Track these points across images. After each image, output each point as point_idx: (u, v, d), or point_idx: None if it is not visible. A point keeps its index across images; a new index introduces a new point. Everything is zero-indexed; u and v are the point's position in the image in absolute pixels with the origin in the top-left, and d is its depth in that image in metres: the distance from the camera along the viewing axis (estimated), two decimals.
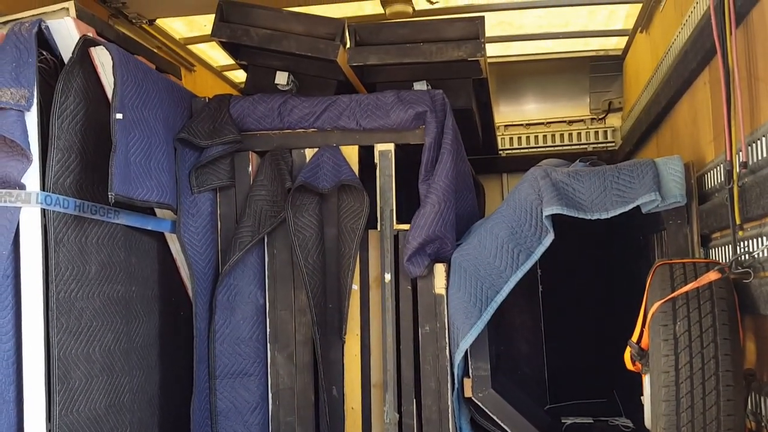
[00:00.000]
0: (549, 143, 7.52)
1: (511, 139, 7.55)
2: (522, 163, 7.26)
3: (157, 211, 4.14)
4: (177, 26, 5.93)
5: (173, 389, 4.21)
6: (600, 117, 7.52)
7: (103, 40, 3.67)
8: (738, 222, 3.07)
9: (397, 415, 4.15)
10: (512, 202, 4.16)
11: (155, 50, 4.87)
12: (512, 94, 7.45)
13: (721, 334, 2.90)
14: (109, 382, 3.67)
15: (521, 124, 7.55)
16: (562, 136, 7.53)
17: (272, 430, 4.22)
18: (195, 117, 4.31)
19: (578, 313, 5.65)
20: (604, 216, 3.94)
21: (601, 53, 7.13)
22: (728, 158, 3.14)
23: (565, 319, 5.55)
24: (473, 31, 4.37)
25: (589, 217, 3.94)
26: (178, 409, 4.21)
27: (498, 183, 7.37)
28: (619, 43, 6.84)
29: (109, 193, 3.46)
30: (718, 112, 3.78)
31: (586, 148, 7.43)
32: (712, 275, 2.98)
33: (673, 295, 2.99)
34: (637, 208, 3.93)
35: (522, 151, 7.50)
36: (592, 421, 4.75)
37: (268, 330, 4.26)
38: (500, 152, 7.42)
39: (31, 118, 3.36)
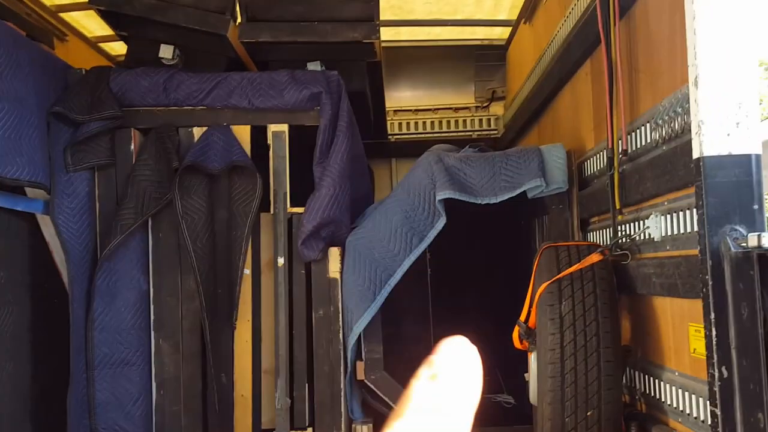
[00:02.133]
0: (436, 129, 7.66)
1: (399, 124, 7.64)
2: (410, 148, 7.38)
3: (28, 190, 3.90)
4: None
5: (48, 381, 4.02)
6: (484, 105, 7.72)
7: None
8: (618, 207, 3.24)
9: (289, 401, 4.14)
10: (406, 186, 4.22)
11: (24, 17, 4.60)
12: (401, 80, 7.53)
13: (602, 312, 3.06)
14: None
15: (410, 110, 7.65)
16: (448, 122, 7.68)
17: (157, 421, 4.10)
18: (71, 90, 4.07)
19: (464, 295, 5.81)
20: (493, 200, 4.06)
21: (486, 42, 7.31)
22: (610, 146, 3.30)
23: (451, 300, 5.69)
24: (368, 13, 4.38)
25: (479, 202, 4.06)
26: (54, 402, 4.04)
27: (387, 168, 7.46)
28: (503, 33, 7.04)
29: None
30: (598, 102, 3.96)
31: (471, 135, 7.61)
32: (595, 257, 3.14)
33: (558, 276, 3.13)
34: (522, 193, 4.08)
35: (410, 136, 7.60)
36: None
37: (152, 317, 4.12)
38: (389, 137, 7.49)
39: None
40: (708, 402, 2.19)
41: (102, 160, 4.07)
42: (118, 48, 6.46)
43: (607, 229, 3.69)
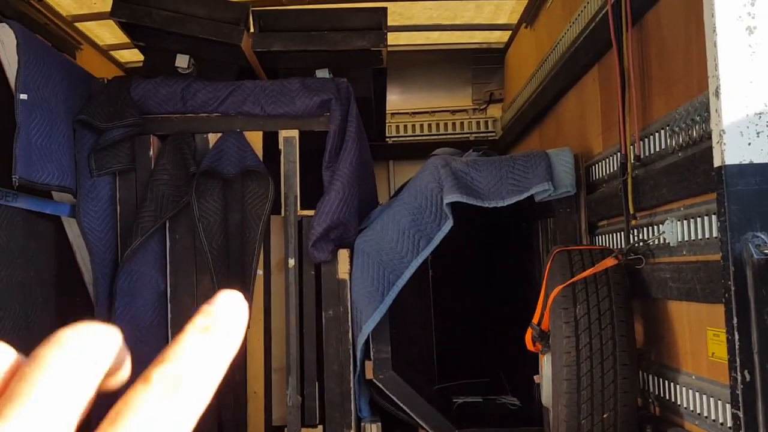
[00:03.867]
0: (434, 131, 7.72)
1: (397, 126, 7.70)
2: (408, 150, 7.46)
3: (55, 194, 4.00)
4: (64, 2, 5.67)
5: None
6: (481, 107, 7.79)
7: (4, 18, 3.50)
8: (631, 212, 3.31)
9: (300, 398, 4.20)
10: (413, 190, 4.28)
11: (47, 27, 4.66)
12: (399, 83, 7.58)
13: (617, 316, 3.13)
14: None
15: (407, 113, 7.71)
16: (446, 125, 7.75)
17: None
18: (94, 98, 4.19)
19: (465, 297, 5.88)
20: (500, 204, 4.13)
21: (484, 46, 7.38)
22: (623, 151, 3.37)
23: (453, 302, 5.76)
24: (376, 22, 4.45)
25: (486, 205, 4.13)
26: None
27: (385, 170, 7.51)
28: (502, 36, 7.11)
29: (12, 177, 3.32)
30: (607, 108, 4.04)
31: (468, 137, 7.68)
32: (609, 261, 3.21)
33: (573, 280, 3.19)
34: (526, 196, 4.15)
35: (408, 138, 7.67)
36: (481, 400, 4.98)
37: (169, 315, 4.20)
38: (387, 139, 7.55)
39: None
40: (729, 405, 2.26)
41: (123, 166, 4.18)
42: (128, 56, 6.53)
43: (618, 233, 3.76)
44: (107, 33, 6.24)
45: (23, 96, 3.40)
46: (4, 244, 3.56)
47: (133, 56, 6.70)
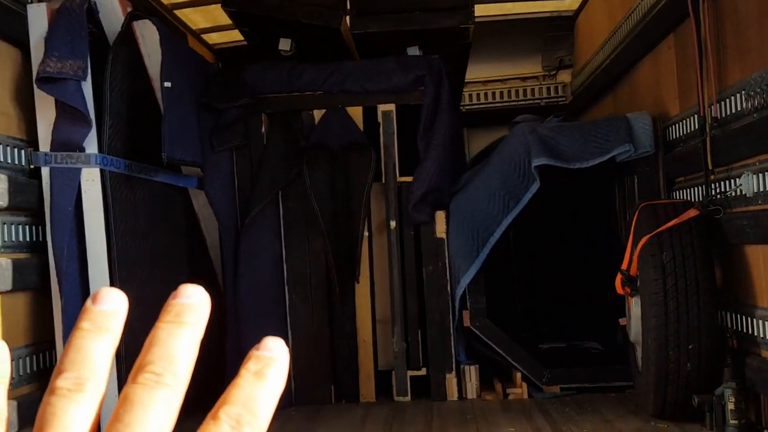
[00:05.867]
0: (505, 99, 8.07)
1: (470, 95, 8.06)
2: (481, 118, 7.85)
3: (183, 168, 4.52)
4: None
5: (205, 337, 4.63)
6: (551, 73, 8.10)
7: (146, 15, 4.00)
8: (710, 167, 3.68)
9: (405, 345, 4.69)
10: (503, 154, 4.70)
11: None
12: (472, 53, 7.91)
13: (699, 260, 3.53)
14: None
15: (480, 81, 8.06)
16: (517, 91, 8.09)
17: (293, 363, 4.66)
18: (212, 82, 4.68)
19: (545, 252, 6.29)
20: (584, 165, 4.52)
21: (555, 14, 7.67)
22: (701, 113, 3.73)
23: (531, 257, 6.18)
24: (463, 1, 4.84)
25: (571, 167, 4.52)
26: (212, 356, 4.66)
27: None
28: (572, 4, 7.40)
29: (162, 155, 3.84)
30: (683, 74, 4.38)
31: (539, 103, 8.01)
32: (692, 212, 3.59)
33: (659, 229, 3.59)
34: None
35: (481, 106, 8.03)
36: (564, 345, 5.41)
37: (285, 275, 4.71)
38: (461, 108, 7.93)
39: (87, 87, 3.66)
40: None
41: (239, 142, 4.66)
42: (216, 38, 7.04)
43: (695, 188, 4.12)
44: (200, 17, 6.74)
45: (167, 84, 3.91)
46: (150, 214, 4.09)
47: (220, 38, 7.22)
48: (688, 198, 4.22)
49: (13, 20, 3.55)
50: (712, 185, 3.75)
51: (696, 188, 4.13)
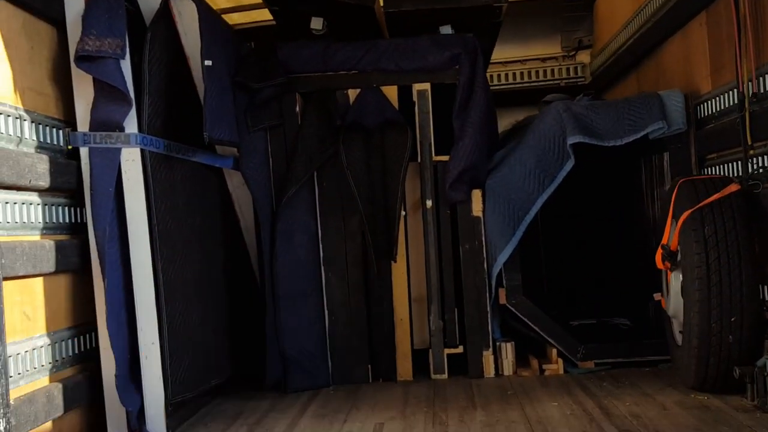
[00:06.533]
0: (525, 79, 8.11)
1: (490, 76, 8.07)
2: (502, 98, 7.83)
3: (218, 148, 4.54)
4: None
5: (241, 311, 4.71)
6: (570, 54, 8.13)
7: None
8: (749, 143, 3.73)
9: (441, 323, 4.75)
10: (537, 133, 4.74)
11: None
12: None
13: (740, 234, 3.59)
14: (198, 303, 4.11)
15: (500, 62, 8.08)
16: (537, 72, 8.12)
17: (330, 342, 4.74)
18: (245, 61, 4.68)
19: (569, 229, 6.34)
20: (618, 143, 4.58)
21: None
22: (741, 89, 3.78)
23: (558, 235, 6.23)
24: None
25: (605, 144, 4.57)
26: (246, 328, 4.73)
27: None
28: None
29: (204, 134, 3.87)
30: (716, 51, 4.42)
31: (558, 83, 8.04)
32: (733, 187, 3.65)
33: (701, 204, 3.65)
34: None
35: (502, 86, 8.06)
36: (595, 321, 5.48)
37: (321, 254, 4.76)
38: None
39: (126, 66, 3.63)
40: None
41: (273, 122, 4.69)
42: (237, 18, 7.03)
43: (729, 164, 4.18)
44: None
45: (208, 62, 3.92)
46: (189, 194, 4.11)
47: (241, 18, 7.17)
48: (722, 174, 4.27)
49: None
50: (751, 160, 3.80)
51: (729, 164, 4.18)
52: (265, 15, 6.89)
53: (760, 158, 3.75)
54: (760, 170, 3.70)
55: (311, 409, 4.11)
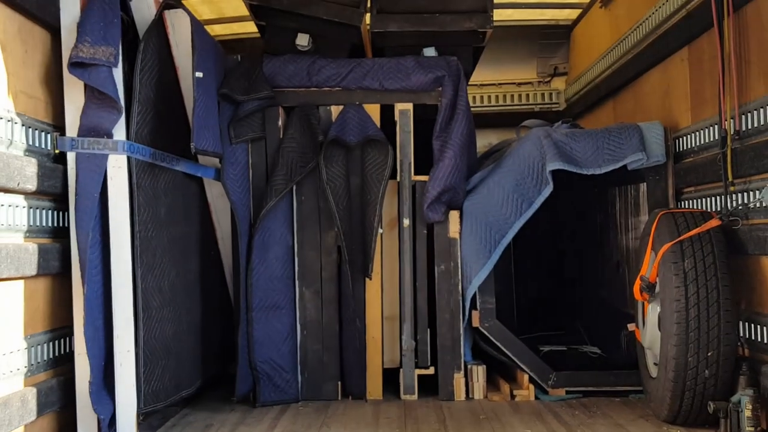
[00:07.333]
0: (500, 102, 8.18)
1: None
2: (477, 119, 7.87)
3: (200, 158, 4.49)
4: None
5: (212, 321, 4.64)
6: (546, 80, 8.22)
7: (178, 4, 3.97)
8: (730, 179, 3.78)
9: (414, 343, 4.73)
10: (517, 157, 4.76)
11: None
12: None
13: (720, 269, 3.63)
14: (173, 312, 4.06)
15: (476, 84, 8.12)
16: (512, 96, 8.20)
17: (301, 357, 4.70)
18: (231, 74, 4.65)
19: (540, 256, 6.38)
20: (597, 171, 4.61)
21: (552, 22, 7.79)
22: (723, 126, 3.83)
23: (530, 261, 6.26)
24: (482, 5, 4.91)
25: (585, 173, 4.60)
26: (216, 338, 4.66)
27: None
28: (571, 14, 7.51)
29: (191, 144, 3.84)
30: (697, 86, 4.48)
31: (533, 108, 8.13)
32: (713, 222, 3.69)
33: (681, 237, 3.68)
34: None
35: (477, 109, 8.09)
36: (565, 349, 5.50)
37: (297, 268, 4.71)
38: None
39: (118, 74, 3.62)
40: None
41: (256, 134, 4.67)
42: (219, 29, 7.03)
43: (707, 198, 4.23)
44: (206, 9, 6.77)
45: (199, 74, 3.89)
46: (171, 203, 4.07)
47: (223, 30, 7.22)
48: (699, 208, 4.32)
49: (46, 3, 3.52)
50: (732, 196, 3.85)
51: (706, 199, 4.24)
52: (246, 28, 6.89)
53: (739, 195, 3.80)
54: (740, 207, 3.75)
55: (281, 425, 4.05)
